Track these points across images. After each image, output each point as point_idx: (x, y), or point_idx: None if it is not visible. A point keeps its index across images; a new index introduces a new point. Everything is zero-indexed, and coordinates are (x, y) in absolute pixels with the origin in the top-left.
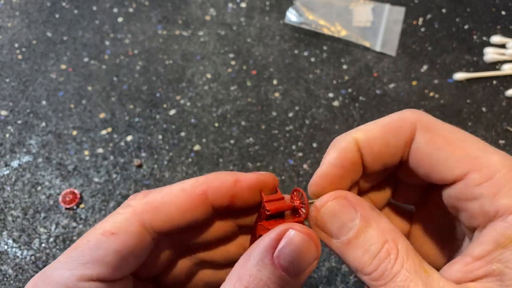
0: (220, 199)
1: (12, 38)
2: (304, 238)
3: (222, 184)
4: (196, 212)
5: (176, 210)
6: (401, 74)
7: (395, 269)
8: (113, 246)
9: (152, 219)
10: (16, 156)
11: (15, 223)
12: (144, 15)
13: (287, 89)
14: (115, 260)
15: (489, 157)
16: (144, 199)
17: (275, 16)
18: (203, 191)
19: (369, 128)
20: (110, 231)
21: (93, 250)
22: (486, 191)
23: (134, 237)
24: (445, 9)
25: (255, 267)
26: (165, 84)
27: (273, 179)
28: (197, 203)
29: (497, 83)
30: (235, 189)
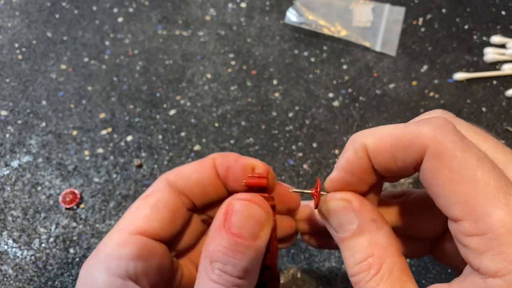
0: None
1: (12, 38)
2: (246, 203)
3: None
4: (208, 173)
5: (193, 170)
6: (401, 74)
7: (369, 285)
8: (149, 202)
9: (176, 179)
10: (16, 156)
11: (15, 223)
12: (144, 15)
13: (287, 89)
14: (153, 213)
15: (491, 211)
16: (170, 171)
17: (275, 16)
18: (213, 158)
19: (382, 135)
20: (146, 194)
21: (134, 210)
22: (474, 245)
23: (165, 194)
24: (445, 9)
25: (214, 241)
26: (165, 84)
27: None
28: (208, 165)
29: (497, 83)
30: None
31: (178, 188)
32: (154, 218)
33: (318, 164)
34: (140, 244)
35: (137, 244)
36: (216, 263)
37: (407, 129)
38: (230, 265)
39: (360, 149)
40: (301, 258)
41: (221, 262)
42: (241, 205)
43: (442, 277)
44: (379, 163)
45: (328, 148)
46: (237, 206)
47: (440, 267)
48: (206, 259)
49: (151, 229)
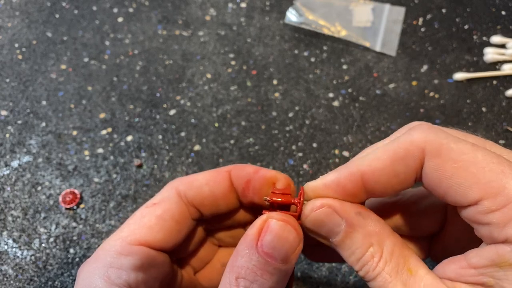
0: (239, 179)
1: (12, 38)
2: (282, 224)
3: (244, 170)
4: (222, 186)
5: (206, 183)
6: (401, 74)
7: (376, 271)
8: (155, 212)
9: (186, 190)
10: (16, 156)
11: (15, 223)
12: (144, 15)
13: (287, 89)
14: (158, 224)
15: (504, 183)
16: (182, 178)
17: (275, 16)
18: (228, 170)
19: (376, 157)
20: (153, 202)
21: (139, 219)
22: (496, 220)
23: (173, 204)
24: (445, 9)
25: (243, 257)
26: (165, 84)
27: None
28: (222, 178)
29: (497, 83)
30: (253, 175)
31: (188, 199)
32: (158, 230)
33: (318, 164)
34: (142, 255)
35: (139, 255)
36: (242, 280)
37: (399, 142)
38: (256, 284)
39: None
40: (301, 258)
41: (248, 279)
42: (277, 226)
43: None
44: (379, 182)
45: (328, 148)
46: (272, 226)
47: None
48: (232, 273)
49: (155, 241)
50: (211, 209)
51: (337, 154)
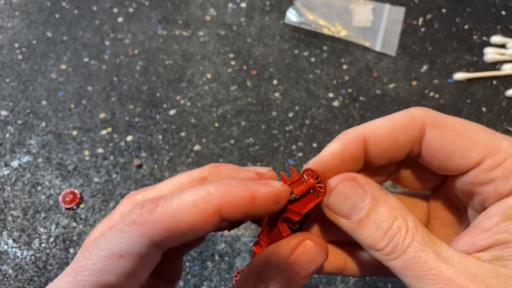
0: (233, 216)
1: (12, 38)
2: (319, 249)
3: (238, 201)
4: (208, 226)
5: (187, 227)
6: (401, 74)
7: (407, 242)
8: (123, 269)
9: (162, 238)
10: (16, 156)
11: (15, 223)
12: (144, 15)
13: (287, 89)
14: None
15: (499, 142)
16: (152, 215)
17: (275, 16)
18: (217, 208)
19: (379, 124)
20: (119, 254)
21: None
22: (500, 174)
23: (144, 257)
24: (445, 9)
25: (274, 269)
26: (165, 84)
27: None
28: (211, 220)
29: (497, 83)
30: (250, 205)
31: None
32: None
33: None
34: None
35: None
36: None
37: (400, 114)
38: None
39: (358, 138)
40: None
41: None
42: (313, 249)
43: None
44: (380, 147)
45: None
46: (311, 248)
47: None
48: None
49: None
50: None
51: None
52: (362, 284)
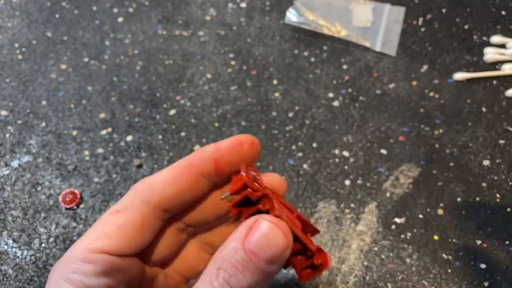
0: (205, 165)
1: (12, 38)
2: (272, 226)
3: (205, 152)
4: (186, 182)
5: (168, 182)
6: (401, 74)
7: None
8: (117, 221)
9: (149, 194)
10: (16, 156)
11: (15, 223)
12: (144, 15)
13: (287, 89)
14: (119, 233)
15: None
16: (144, 180)
17: (275, 16)
18: (189, 162)
19: None
20: (116, 209)
21: (102, 226)
22: None
23: (136, 213)
24: (445, 9)
25: (229, 252)
26: (165, 84)
27: (249, 138)
28: (185, 174)
29: (497, 83)
30: (217, 152)
31: (153, 204)
32: (119, 239)
33: (318, 164)
34: (104, 262)
35: (100, 262)
36: (222, 271)
37: None
38: (235, 278)
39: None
40: None
41: (228, 272)
42: (266, 226)
43: (442, 277)
44: None
45: (328, 148)
46: (262, 226)
47: (440, 267)
48: (215, 264)
49: (116, 250)
50: (179, 207)
51: (337, 154)
52: (362, 284)
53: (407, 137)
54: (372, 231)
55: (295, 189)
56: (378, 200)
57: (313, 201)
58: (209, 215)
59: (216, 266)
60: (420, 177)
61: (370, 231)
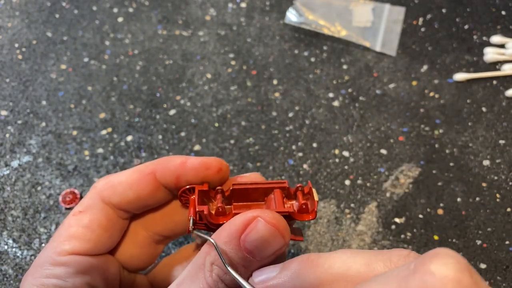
0: (167, 179)
1: (12, 38)
2: (270, 229)
3: (169, 165)
4: (147, 190)
5: (129, 187)
6: (401, 74)
7: None
8: (82, 222)
9: (110, 195)
10: (16, 156)
11: (15, 223)
12: (144, 15)
13: (287, 89)
14: (86, 234)
15: None
16: (105, 179)
17: (275, 16)
18: (151, 170)
19: None
20: (79, 210)
21: (67, 228)
22: None
23: (99, 212)
24: (445, 9)
25: (223, 245)
26: (165, 84)
27: (218, 162)
28: (147, 181)
29: (497, 83)
30: (181, 169)
31: (114, 204)
32: (87, 240)
33: (318, 164)
34: (75, 263)
35: (72, 264)
36: (216, 268)
37: None
38: (229, 276)
39: None
40: None
41: (223, 270)
42: (264, 228)
43: None
44: None
45: (328, 148)
46: (260, 227)
47: None
48: (209, 257)
49: (85, 250)
50: (140, 208)
51: (337, 154)
52: None
53: (407, 137)
54: (372, 231)
55: None
56: (378, 200)
57: None
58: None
59: (210, 260)
60: (420, 177)
61: (370, 231)
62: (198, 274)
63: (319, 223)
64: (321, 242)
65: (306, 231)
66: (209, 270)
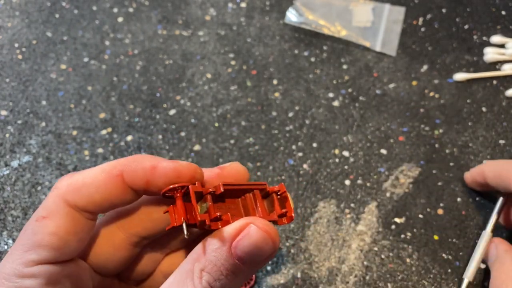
0: (135, 183)
1: (12, 38)
2: (263, 235)
3: (139, 168)
4: (115, 192)
5: (96, 190)
6: (401, 74)
7: None
8: (47, 229)
9: (75, 198)
10: (16, 156)
11: (15, 223)
12: (144, 15)
13: (287, 89)
14: (53, 241)
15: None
16: (68, 180)
17: (275, 16)
18: (119, 172)
19: None
20: (42, 215)
21: (31, 236)
22: None
23: (65, 217)
24: (445, 9)
25: (213, 252)
26: (165, 84)
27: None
28: (115, 184)
29: (497, 83)
30: (151, 175)
31: (79, 207)
32: (55, 247)
33: (318, 164)
34: (45, 273)
35: (41, 274)
36: (207, 275)
37: None
38: (219, 283)
39: None
40: (301, 258)
41: (212, 276)
42: (257, 234)
43: (442, 277)
44: None
45: (328, 148)
46: (252, 233)
47: (440, 267)
48: (198, 264)
49: (54, 258)
50: (107, 209)
51: (337, 154)
52: (362, 284)
53: (407, 137)
54: (372, 231)
55: (295, 189)
56: (378, 200)
57: (313, 201)
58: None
59: (199, 266)
60: (420, 177)
61: (370, 231)
62: (185, 281)
63: (319, 223)
64: (321, 242)
65: (306, 231)
66: (198, 276)
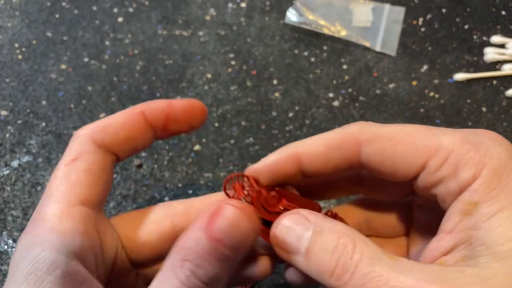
0: (156, 117)
1: (12, 38)
2: (237, 212)
3: (158, 106)
4: (138, 129)
5: (121, 127)
6: (401, 74)
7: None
8: (80, 167)
9: (103, 136)
10: (16, 156)
11: (15, 223)
12: (144, 15)
13: (287, 89)
14: (88, 178)
15: (438, 140)
16: (92, 124)
17: (275, 16)
18: (141, 110)
19: (313, 142)
20: (71, 158)
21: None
22: (446, 173)
23: (94, 154)
24: (445, 9)
25: (193, 240)
26: (165, 84)
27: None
28: (138, 120)
29: (497, 83)
30: (169, 109)
31: (106, 146)
32: (91, 184)
33: None
34: (84, 216)
35: (80, 217)
36: (187, 263)
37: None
38: (202, 269)
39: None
40: None
41: (194, 263)
42: (231, 212)
43: None
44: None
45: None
46: (227, 212)
47: None
48: (178, 254)
49: (92, 197)
50: (128, 151)
51: None
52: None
53: None
54: None
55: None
56: None
57: None
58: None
59: (179, 257)
60: None
61: None
62: (167, 274)
63: None
64: None
65: None
66: (180, 266)
